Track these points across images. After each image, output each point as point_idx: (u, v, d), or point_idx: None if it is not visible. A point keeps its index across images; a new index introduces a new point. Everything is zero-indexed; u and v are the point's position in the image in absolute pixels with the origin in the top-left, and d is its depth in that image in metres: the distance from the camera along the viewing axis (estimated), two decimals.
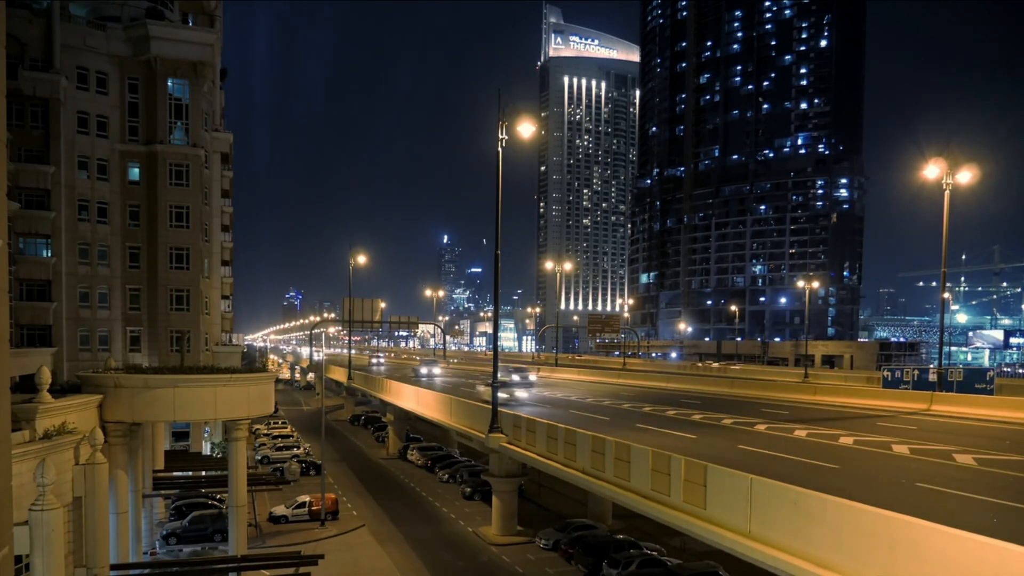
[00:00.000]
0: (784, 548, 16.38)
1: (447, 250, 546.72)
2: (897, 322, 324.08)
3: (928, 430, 32.51)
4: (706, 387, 59.77)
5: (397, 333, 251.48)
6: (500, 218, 33.87)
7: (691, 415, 39.20)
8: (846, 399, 46.32)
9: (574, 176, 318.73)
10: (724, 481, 18.88)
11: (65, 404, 23.33)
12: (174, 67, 45.71)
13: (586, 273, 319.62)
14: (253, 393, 29.90)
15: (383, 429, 76.71)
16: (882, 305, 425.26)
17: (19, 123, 41.29)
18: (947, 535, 12.90)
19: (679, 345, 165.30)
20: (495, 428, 34.71)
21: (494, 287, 37.40)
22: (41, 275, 42.04)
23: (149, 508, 37.96)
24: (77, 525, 21.81)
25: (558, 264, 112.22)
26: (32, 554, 18.30)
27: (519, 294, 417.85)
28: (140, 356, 45.14)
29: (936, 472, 22.41)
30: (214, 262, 54.57)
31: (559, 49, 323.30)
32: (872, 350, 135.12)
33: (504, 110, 33.45)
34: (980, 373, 48.01)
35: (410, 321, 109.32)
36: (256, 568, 29.93)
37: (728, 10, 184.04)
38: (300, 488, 50.73)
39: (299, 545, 38.45)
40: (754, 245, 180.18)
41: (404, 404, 57.28)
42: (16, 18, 40.52)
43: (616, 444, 24.51)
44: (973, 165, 40.42)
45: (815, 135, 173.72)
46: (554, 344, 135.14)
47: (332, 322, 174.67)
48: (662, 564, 32.93)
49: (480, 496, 49.05)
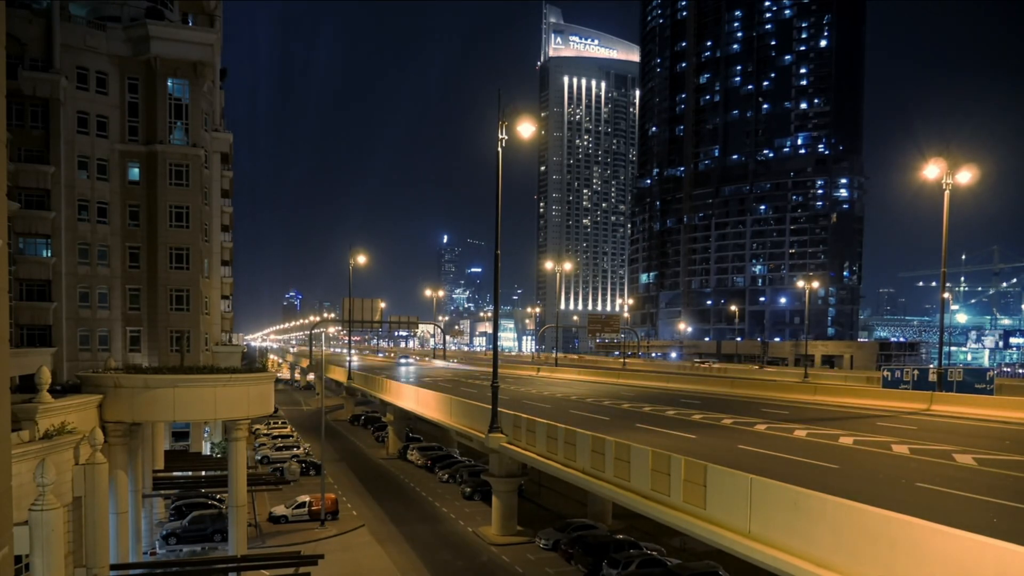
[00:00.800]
0: (784, 548, 16.39)
1: (447, 250, 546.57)
2: (897, 322, 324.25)
3: (928, 430, 32.53)
4: (706, 387, 59.80)
5: (397, 333, 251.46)
6: (500, 218, 33.91)
7: (691, 415, 39.22)
8: (846, 399, 46.34)
9: (574, 176, 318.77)
10: (724, 481, 18.88)
11: (65, 404, 23.33)
12: (174, 67, 45.70)
13: (586, 273, 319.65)
14: (253, 393, 29.92)
15: (383, 429, 76.72)
16: (882, 305, 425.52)
17: (19, 123, 41.28)
18: (947, 535, 12.90)
19: (679, 345, 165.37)
20: (495, 428, 34.73)
21: (494, 287, 37.43)
22: (41, 275, 42.03)
23: (149, 508, 37.96)
24: (77, 525, 21.80)
25: (558, 264, 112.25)
26: (32, 554, 18.30)
27: (519, 294, 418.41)
28: (140, 356, 45.13)
29: (936, 472, 22.42)
30: (214, 262, 54.57)
31: (559, 49, 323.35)
32: (872, 350, 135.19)
33: (504, 110, 33.50)
34: (980, 373, 48.05)
35: (410, 321, 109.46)
36: (256, 568, 29.96)
37: (728, 10, 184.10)
38: (300, 488, 50.72)
39: (299, 545, 38.45)
40: (754, 245, 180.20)
41: (404, 404, 57.27)
42: (16, 18, 40.51)
43: (616, 444, 24.51)
44: (973, 165, 40.51)
45: (815, 135, 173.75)
46: (554, 344, 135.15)
47: (332, 322, 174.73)
48: (662, 564, 32.93)
49: (480, 496, 49.05)
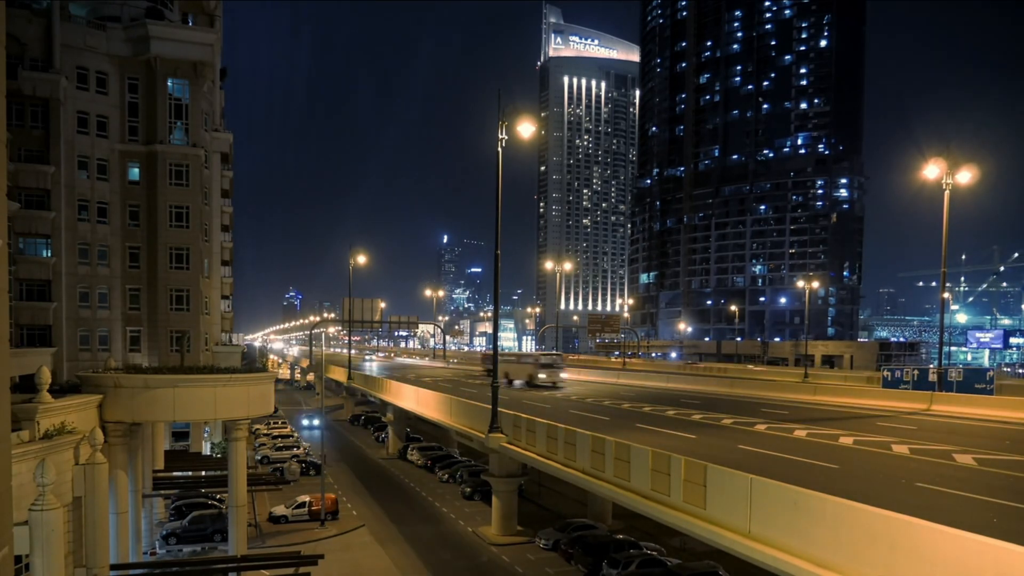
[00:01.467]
0: (784, 548, 16.38)
1: (447, 250, 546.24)
2: (897, 322, 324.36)
3: (928, 430, 32.54)
4: (706, 387, 59.84)
5: (397, 333, 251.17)
6: (500, 218, 33.90)
7: (691, 415, 39.23)
8: (846, 399, 46.37)
9: (574, 176, 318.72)
10: (724, 481, 18.88)
11: (65, 404, 23.34)
12: (174, 67, 45.70)
13: (586, 273, 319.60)
14: (253, 393, 29.93)
15: (383, 429, 76.72)
16: (882, 305, 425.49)
17: (19, 123, 41.27)
18: (947, 535, 12.90)
19: (679, 345, 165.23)
20: (495, 428, 34.72)
21: (494, 287, 37.42)
22: (41, 275, 42.03)
23: (149, 508, 37.97)
24: (77, 525, 21.80)
25: (558, 264, 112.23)
26: (32, 554, 18.30)
27: (519, 294, 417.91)
28: (140, 356, 45.13)
29: (936, 472, 22.43)
30: (214, 262, 54.57)
31: (559, 49, 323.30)
32: (872, 350, 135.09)
33: (504, 110, 33.47)
34: (980, 373, 48.07)
35: (410, 321, 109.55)
36: (256, 568, 29.96)
37: (728, 10, 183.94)
38: (300, 488, 50.70)
39: (299, 545, 38.45)
40: (754, 245, 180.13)
41: (404, 404, 57.26)
42: (16, 18, 40.49)
43: (616, 444, 24.50)
44: (973, 165, 40.51)
45: (815, 135, 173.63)
46: (554, 344, 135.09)
47: (332, 322, 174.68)
48: (662, 564, 32.93)
49: (480, 496, 49.04)
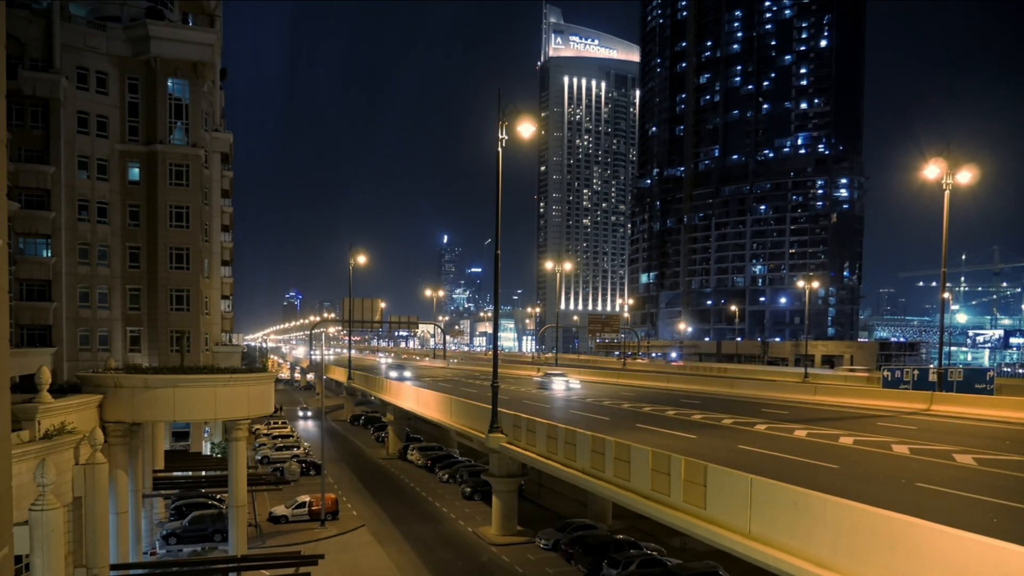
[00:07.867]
0: (784, 548, 16.38)
1: (447, 250, 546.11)
2: (897, 322, 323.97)
3: (928, 430, 32.53)
4: (706, 387, 59.81)
5: (397, 333, 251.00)
6: (500, 218, 33.90)
7: (691, 415, 39.23)
8: (846, 399, 46.34)
9: (574, 176, 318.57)
10: (724, 481, 18.87)
11: (65, 404, 23.35)
12: (174, 67, 45.67)
13: (586, 273, 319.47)
14: (253, 393, 29.94)
15: (383, 429, 76.70)
16: (882, 305, 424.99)
17: (19, 123, 41.22)
18: (947, 535, 12.90)
19: (679, 345, 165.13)
20: (495, 428, 34.72)
21: (494, 287, 37.42)
22: (41, 275, 42.00)
23: (149, 508, 37.98)
24: (77, 525, 21.80)
25: (558, 264, 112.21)
26: (32, 554, 18.30)
27: (519, 294, 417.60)
28: (140, 356, 45.11)
29: (936, 472, 22.42)
30: (214, 262, 54.54)
31: (559, 49, 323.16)
32: (872, 350, 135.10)
33: (504, 110, 33.45)
34: (980, 373, 48.05)
35: (410, 321, 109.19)
36: (256, 568, 29.93)
37: (728, 10, 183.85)
38: (300, 488, 50.71)
39: (299, 545, 38.44)
40: (754, 245, 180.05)
41: (404, 404, 57.26)
42: (16, 18, 40.44)
43: (616, 444, 24.50)
44: (973, 165, 40.49)
45: (815, 135, 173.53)
46: (554, 344, 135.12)
47: (332, 322, 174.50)
48: (662, 564, 32.92)
49: (480, 496, 49.04)
